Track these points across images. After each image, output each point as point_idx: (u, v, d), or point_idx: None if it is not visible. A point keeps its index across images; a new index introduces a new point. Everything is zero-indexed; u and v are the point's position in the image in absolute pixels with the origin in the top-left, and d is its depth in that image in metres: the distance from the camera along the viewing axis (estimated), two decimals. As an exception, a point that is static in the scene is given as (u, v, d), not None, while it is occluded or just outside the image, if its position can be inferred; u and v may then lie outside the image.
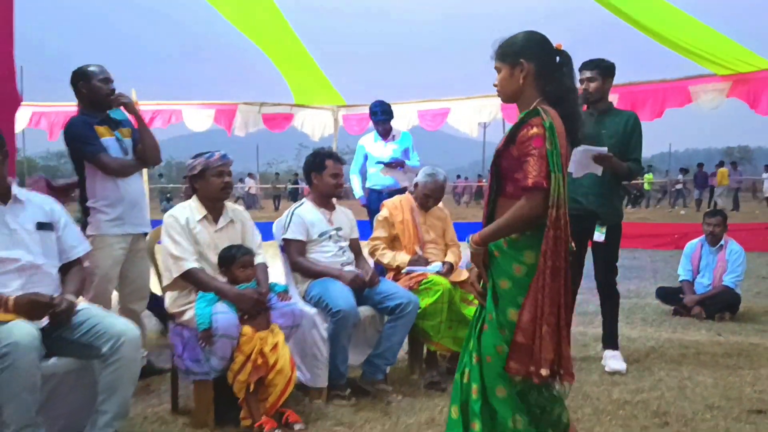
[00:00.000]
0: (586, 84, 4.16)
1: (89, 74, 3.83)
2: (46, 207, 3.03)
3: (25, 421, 2.53)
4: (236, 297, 3.32)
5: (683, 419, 3.36)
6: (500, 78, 2.49)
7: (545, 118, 2.31)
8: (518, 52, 2.43)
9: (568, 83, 2.44)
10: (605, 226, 4.15)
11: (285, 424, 3.28)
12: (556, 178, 2.28)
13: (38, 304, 2.68)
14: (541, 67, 2.42)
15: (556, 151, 2.29)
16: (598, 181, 4.12)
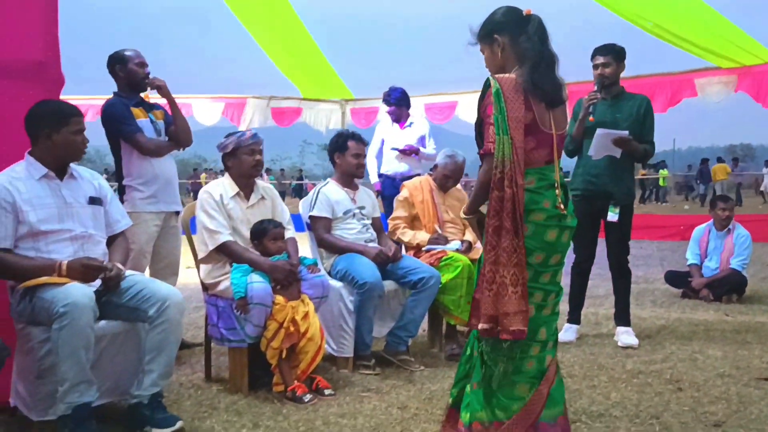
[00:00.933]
0: (601, 69, 4.31)
1: (126, 58, 4.00)
2: (95, 182, 3.19)
3: (81, 377, 2.69)
4: (270, 268, 3.48)
5: (695, 385, 3.52)
6: (485, 57, 2.61)
7: (493, 83, 2.40)
8: (491, 29, 2.54)
9: (537, 47, 2.47)
10: (619, 206, 4.30)
11: (315, 389, 3.45)
12: (500, 140, 2.35)
13: (90, 267, 2.84)
14: (514, 36, 2.50)
15: (501, 115, 2.36)
16: (611, 162, 4.28)
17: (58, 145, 2.98)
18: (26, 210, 2.87)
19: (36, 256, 2.87)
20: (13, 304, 2.89)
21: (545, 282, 2.47)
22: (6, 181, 2.88)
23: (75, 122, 2.99)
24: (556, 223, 2.44)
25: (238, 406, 3.28)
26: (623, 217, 4.35)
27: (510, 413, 2.41)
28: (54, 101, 3.13)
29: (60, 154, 3.00)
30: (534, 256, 2.41)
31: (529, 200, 2.39)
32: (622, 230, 4.40)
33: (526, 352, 2.45)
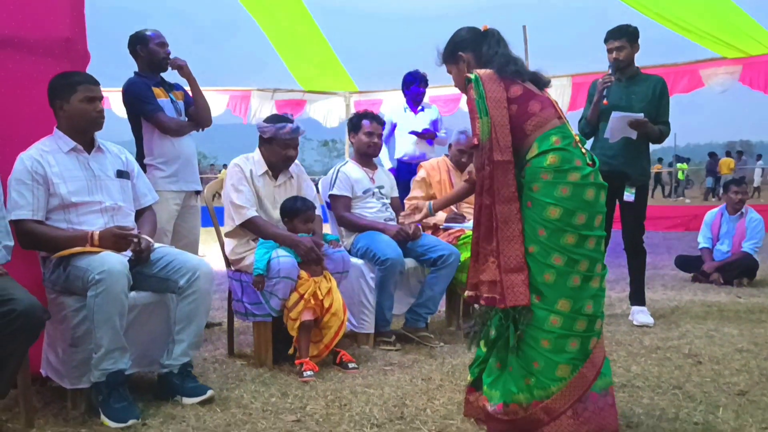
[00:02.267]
0: (616, 53, 4.32)
1: (147, 38, 4.03)
2: (122, 156, 3.21)
3: (115, 343, 2.73)
4: (293, 243, 3.51)
5: (715, 359, 3.56)
6: (453, 77, 2.73)
7: (471, 76, 2.48)
8: (454, 49, 2.69)
9: (492, 51, 2.59)
10: (635, 186, 4.34)
11: (339, 363, 3.48)
12: (482, 122, 2.42)
13: (121, 236, 2.86)
14: (477, 52, 2.63)
15: (481, 99, 2.43)
16: (627, 143, 4.31)
17: (71, 116, 2.98)
18: (57, 182, 2.90)
19: (67, 227, 2.91)
20: (45, 274, 2.92)
21: (590, 249, 2.37)
22: (37, 154, 2.91)
23: (83, 89, 2.97)
24: (591, 181, 2.39)
25: (264, 378, 3.32)
26: (639, 197, 4.38)
27: (549, 393, 2.35)
28: (65, 73, 3.11)
29: (76, 125, 3.00)
30: (576, 216, 2.34)
31: (562, 160, 2.37)
32: (638, 210, 4.44)
33: (570, 328, 2.35)
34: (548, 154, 2.37)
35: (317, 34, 9.72)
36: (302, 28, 9.60)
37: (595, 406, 2.37)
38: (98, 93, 3.04)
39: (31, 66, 3.27)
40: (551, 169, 2.36)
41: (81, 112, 2.98)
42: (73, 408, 2.85)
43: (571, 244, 2.35)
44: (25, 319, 2.36)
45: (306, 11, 9.29)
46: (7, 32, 3.18)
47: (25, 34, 3.24)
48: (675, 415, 2.74)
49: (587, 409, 2.35)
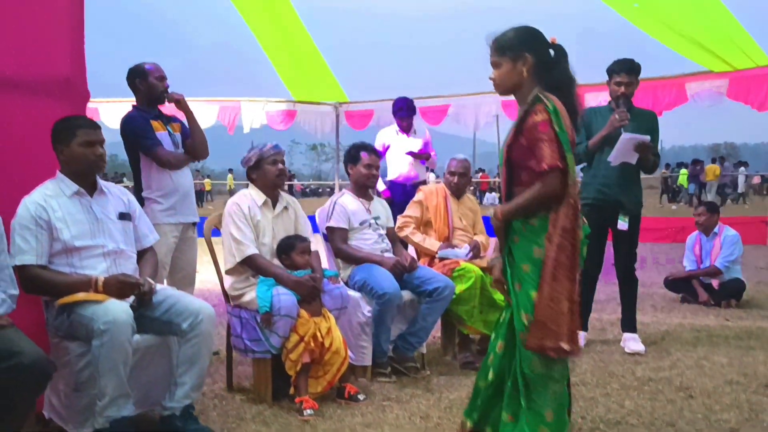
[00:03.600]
0: (625, 88, 4.40)
1: (146, 72, 4.06)
2: (124, 198, 3.25)
3: (119, 391, 2.76)
4: (294, 284, 3.54)
5: (706, 393, 3.63)
6: (500, 72, 2.57)
7: (548, 103, 2.42)
8: (519, 45, 2.53)
9: (568, 74, 2.54)
10: (628, 215, 4.41)
11: (348, 397, 3.54)
12: (570, 158, 2.40)
13: (126, 284, 2.89)
14: (540, 59, 2.52)
15: (563, 133, 2.40)
16: (621, 173, 4.39)
17: (71, 160, 3.03)
18: (60, 227, 2.92)
19: (71, 272, 2.93)
20: (49, 319, 2.95)
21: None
22: (40, 199, 2.93)
23: (82, 134, 3.01)
24: (585, 240, 2.53)
25: (265, 416, 3.35)
26: (632, 226, 4.46)
27: None
28: (66, 117, 3.14)
29: (76, 169, 3.04)
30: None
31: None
32: (631, 238, 4.52)
33: (565, 374, 2.51)
34: None
35: (309, 43, 9.77)
36: (294, 37, 9.65)
37: None
38: (97, 137, 3.07)
39: (32, 107, 3.29)
40: None
41: (81, 156, 3.01)
42: (76, 452, 2.87)
43: None
44: (32, 373, 2.39)
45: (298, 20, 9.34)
46: (8, 73, 3.19)
47: (27, 75, 3.27)
48: (669, 457, 2.81)
49: None
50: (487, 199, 27.36)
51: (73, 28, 3.45)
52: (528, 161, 2.49)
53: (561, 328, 2.37)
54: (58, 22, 3.41)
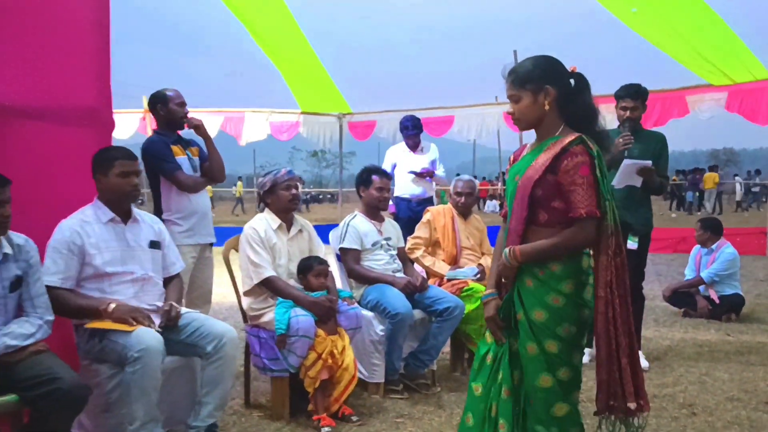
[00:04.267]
0: (630, 113, 4.53)
1: (167, 98, 4.20)
2: (155, 227, 3.39)
3: (150, 416, 2.88)
4: (311, 305, 3.68)
5: (708, 410, 3.76)
6: (521, 106, 2.42)
7: (592, 147, 2.31)
8: (541, 77, 2.38)
9: (590, 104, 2.41)
10: (638, 235, 4.54)
11: (341, 417, 3.66)
12: (611, 205, 2.32)
13: (135, 315, 2.97)
14: (562, 90, 2.39)
15: (605, 179, 2.32)
16: (629, 195, 4.51)
17: (108, 189, 3.18)
18: (93, 253, 3.06)
19: (100, 296, 3.06)
20: (80, 343, 3.08)
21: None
22: (77, 224, 3.08)
23: (119, 165, 3.16)
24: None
25: (284, 433, 3.48)
26: (641, 245, 4.59)
27: None
28: (106, 148, 3.32)
29: (112, 197, 3.19)
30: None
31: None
32: (639, 258, 4.64)
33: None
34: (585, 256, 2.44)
35: (311, 55, 9.92)
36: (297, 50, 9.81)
37: None
38: (133, 168, 3.21)
39: (62, 136, 3.46)
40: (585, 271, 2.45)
41: (117, 186, 3.16)
42: (107, 470, 3.00)
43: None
44: (70, 398, 2.52)
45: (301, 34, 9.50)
46: (38, 104, 3.35)
47: (56, 105, 3.43)
48: (674, 475, 2.94)
49: None
50: (488, 207, 27.46)
51: (98, 60, 3.61)
52: (552, 201, 2.36)
53: (627, 387, 2.28)
54: (85, 54, 3.57)
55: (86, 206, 3.20)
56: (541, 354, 2.34)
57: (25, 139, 3.31)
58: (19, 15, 3.28)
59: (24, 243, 2.77)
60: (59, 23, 3.45)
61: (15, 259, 2.72)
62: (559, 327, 2.33)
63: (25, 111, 3.29)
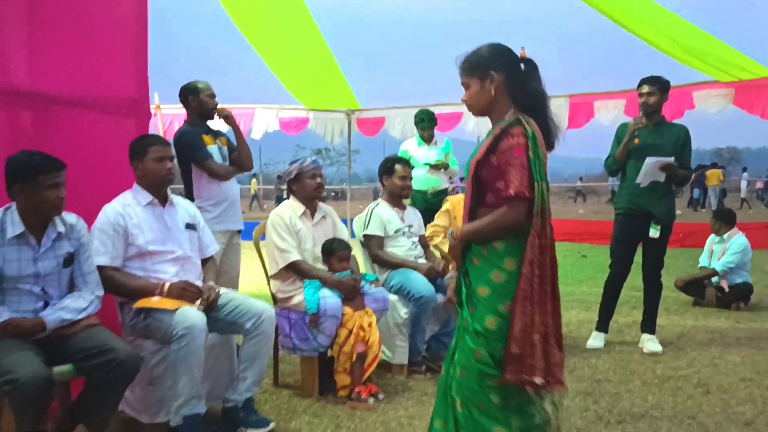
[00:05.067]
0: (646, 98, 4.69)
1: (198, 89, 4.35)
2: (190, 210, 3.54)
3: (194, 392, 3.02)
4: (336, 284, 3.84)
5: (722, 389, 3.90)
6: (470, 93, 2.47)
7: (528, 128, 2.33)
8: (486, 64, 2.42)
9: (539, 89, 2.43)
10: (660, 224, 4.69)
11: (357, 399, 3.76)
12: (540, 187, 2.31)
13: (188, 290, 3.16)
14: (510, 76, 2.41)
15: (539, 160, 2.31)
16: (653, 186, 4.67)
17: (145, 173, 3.33)
18: (135, 233, 3.21)
19: (144, 275, 3.21)
20: (125, 320, 3.22)
21: None
22: (120, 207, 3.23)
23: (153, 151, 3.31)
24: None
25: (314, 409, 3.63)
26: (663, 234, 4.74)
27: None
28: (142, 136, 3.48)
29: (149, 181, 3.34)
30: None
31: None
32: (661, 246, 4.79)
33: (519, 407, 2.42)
34: None
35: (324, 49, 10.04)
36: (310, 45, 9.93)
37: None
38: (167, 153, 3.37)
39: (102, 124, 3.62)
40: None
41: (153, 170, 3.31)
42: (150, 441, 3.16)
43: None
44: (124, 367, 2.67)
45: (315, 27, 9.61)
46: (81, 94, 3.51)
47: (97, 95, 3.59)
48: (692, 445, 3.09)
49: None
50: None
51: (137, 53, 3.75)
52: (496, 182, 2.40)
53: (537, 363, 2.30)
54: (125, 47, 3.73)
55: (126, 191, 3.35)
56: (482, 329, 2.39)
57: (68, 126, 3.46)
58: (63, 9, 3.44)
59: (75, 222, 2.92)
60: (101, 18, 3.60)
61: (68, 237, 2.87)
62: (500, 303, 2.36)
63: (69, 99, 3.46)
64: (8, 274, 2.69)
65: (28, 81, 3.28)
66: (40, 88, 3.33)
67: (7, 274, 2.69)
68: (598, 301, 5.09)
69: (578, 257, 10.46)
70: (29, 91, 3.28)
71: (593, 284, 7.75)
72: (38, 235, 2.77)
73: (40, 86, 3.33)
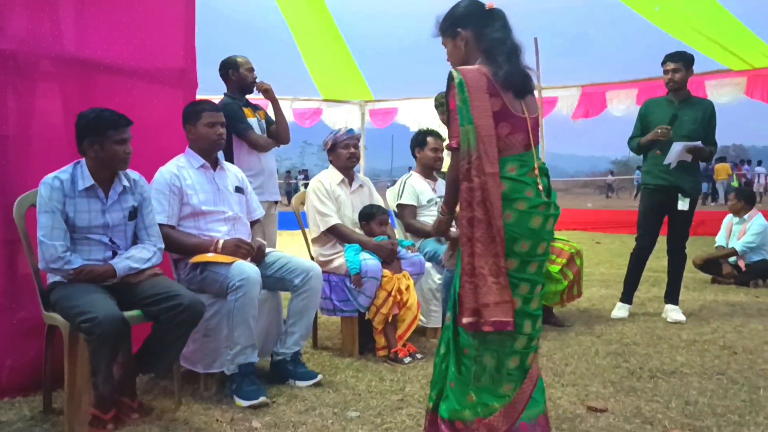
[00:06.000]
0: (671, 74, 4.82)
1: (238, 63, 4.50)
2: (238, 175, 3.69)
3: (249, 341, 3.18)
4: (375, 247, 3.99)
5: (748, 350, 4.04)
6: (448, 51, 2.56)
7: (455, 75, 2.33)
8: (454, 23, 2.50)
9: (498, 35, 2.42)
10: (688, 197, 4.84)
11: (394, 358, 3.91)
12: (465, 130, 2.28)
13: (242, 246, 3.31)
14: (478, 30, 2.45)
15: (465, 105, 2.29)
16: (681, 162, 4.81)
17: (197, 138, 3.48)
18: (190, 193, 3.36)
19: (197, 233, 3.36)
20: (180, 275, 3.37)
21: (532, 273, 2.36)
22: (174, 168, 3.39)
23: (206, 116, 3.46)
24: (539, 211, 2.35)
25: (357, 365, 3.78)
26: (690, 207, 4.89)
27: (492, 411, 2.33)
28: (194, 102, 3.64)
29: (201, 145, 3.48)
30: (519, 243, 2.31)
31: (512, 188, 2.32)
32: (687, 218, 4.94)
33: (511, 347, 2.35)
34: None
35: (339, 40, 10.21)
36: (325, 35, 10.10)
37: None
38: (219, 119, 3.51)
39: (151, 93, 3.77)
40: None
41: (204, 135, 3.46)
42: (205, 390, 3.32)
43: (512, 269, 2.31)
44: (190, 311, 2.82)
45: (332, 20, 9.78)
46: (132, 63, 3.65)
47: (148, 65, 3.73)
48: (724, 395, 3.23)
49: None
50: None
51: (186, 25, 3.90)
52: None
53: (464, 302, 2.31)
54: (174, 20, 3.87)
55: (180, 155, 3.50)
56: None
57: (119, 96, 3.58)
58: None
59: (138, 178, 3.08)
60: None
61: (132, 192, 3.02)
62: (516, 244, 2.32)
63: (119, 69, 3.57)
64: (79, 225, 2.84)
65: (79, 50, 3.41)
66: (92, 57, 3.46)
67: (79, 224, 2.84)
68: (616, 280, 5.25)
69: (593, 244, 10.58)
70: (81, 60, 3.41)
71: (610, 266, 7.88)
72: (105, 188, 2.93)
73: (91, 55, 3.45)
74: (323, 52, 10.73)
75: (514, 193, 2.31)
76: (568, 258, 4.75)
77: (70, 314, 2.65)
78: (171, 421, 2.89)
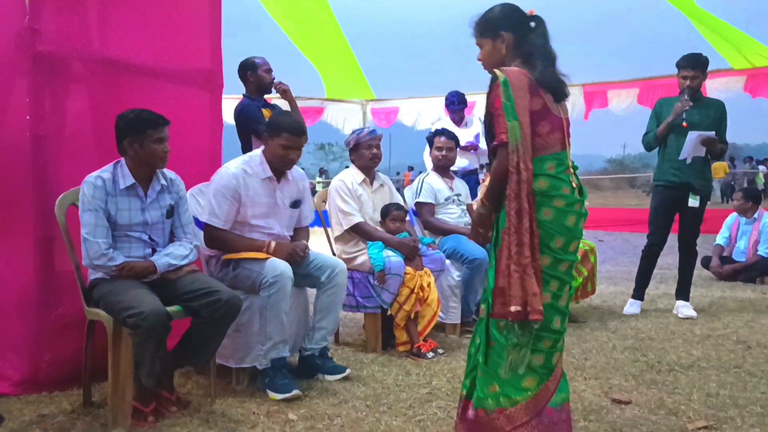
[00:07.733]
0: (690, 81, 4.89)
1: (256, 65, 4.58)
2: (300, 185, 3.67)
3: (281, 336, 3.25)
4: (397, 244, 4.07)
5: (762, 345, 4.14)
6: (484, 53, 2.58)
7: (500, 75, 2.38)
8: (497, 24, 2.52)
9: (539, 41, 2.49)
10: (699, 195, 4.94)
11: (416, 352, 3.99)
12: (512, 126, 2.33)
13: (294, 254, 3.38)
14: (519, 35, 2.50)
15: (510, 102, 2.34)
16: (693, 159, 4.91)
17: (270, 152, 3.47)
18: (247, 204, 3.40)
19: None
20: (211, 271, 3.44)
21: (563, 271, 2.39)
22: (242, 174, 3.40)
23: (285, 138, 3.41)
24: (574, 209, 2.41)
25: (381, 360, 3.86)
26: (701, 204, 4.99)
27: (514, 403, 2.38)
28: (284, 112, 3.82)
29: (272, 161, 3.47)
30: (555, 240, 2.36)
31: (551, 186, 2.37)
32: (698, 215, 5.04)
33: (537, 344, 2.39)
34: (539, 177, 2.36)
35: (341, 39, 10.26)
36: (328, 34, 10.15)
37: (550, 420, 2.40)
38: (296, 144, 3.46)
39: (179, 94, 3.81)
40: (538, 192, 2.35)
41: (277, 153, 3.44)
42: (237, 383, 3.39)
43: (546, 266, 2.35)
44: (228, 306, 2.89)
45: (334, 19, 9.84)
46: (161, 65, 3.71)
47: (176, 66, 3.79)
48: (743, 387, 3.32)
49: (542, 422, 2.39)
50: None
51: (212, 27, 3.96)
52: None
53: (512, 291, 2.31)
54: (201, 22, 3.92)
55: (254, 155, 3.53)
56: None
57: (146, 97, 3.62)
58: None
59: (174, 178, 3.14)
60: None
61: (168, 190, 3.09)
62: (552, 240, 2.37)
63: (146, 70, 3.62)
64: (120, 222, 2.91)
65: (110, 52, 3.46)
66: (121, 59, 3.51)
67: (120, 222, 2.91)
68: (623, 277, 5.34)
69: (595, 241, 10.64)
70: (111, 62, 3.46)
71: (615, 264, 7.99)
72: (145, 187, 3.00)
73: (121, 57, 3.50)
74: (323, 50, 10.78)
75: (553, 190, 2.36)
76: (582, 255, 4.84)
77: (115, 309, 2.72)
78: (209, 414, 2.97)
